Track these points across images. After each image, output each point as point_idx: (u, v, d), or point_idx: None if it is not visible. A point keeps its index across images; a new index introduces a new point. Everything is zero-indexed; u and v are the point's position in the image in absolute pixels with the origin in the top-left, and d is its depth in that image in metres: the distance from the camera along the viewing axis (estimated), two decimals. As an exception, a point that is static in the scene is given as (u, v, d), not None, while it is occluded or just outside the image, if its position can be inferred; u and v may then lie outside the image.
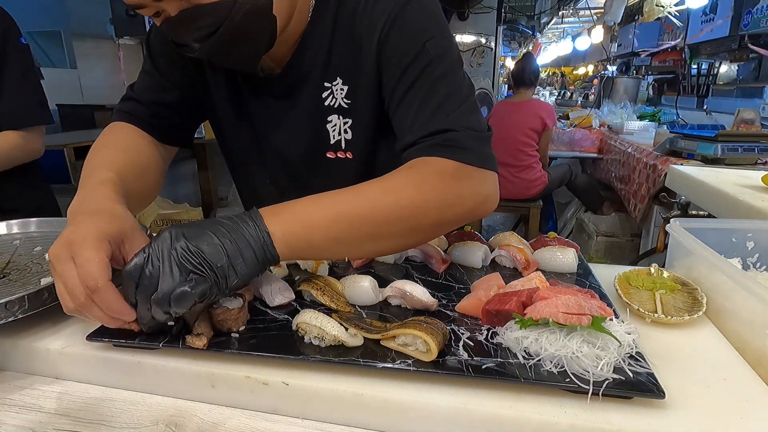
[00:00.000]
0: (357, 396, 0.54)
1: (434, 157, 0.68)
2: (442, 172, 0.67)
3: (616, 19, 4.62)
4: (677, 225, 0.82)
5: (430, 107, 0.71)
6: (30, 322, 0.67)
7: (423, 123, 0.71)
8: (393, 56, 0.74)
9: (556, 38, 8.80)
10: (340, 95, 0.80)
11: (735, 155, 2.22)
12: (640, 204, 2.64)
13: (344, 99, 0.80)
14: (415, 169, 0.68)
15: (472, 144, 0.69)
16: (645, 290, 0.74)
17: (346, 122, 0.82)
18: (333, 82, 0.80)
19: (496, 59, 4.29)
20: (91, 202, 0.65)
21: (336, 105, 0.81)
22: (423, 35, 0.73)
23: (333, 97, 0.81)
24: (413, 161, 0.69)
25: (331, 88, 0.80)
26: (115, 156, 0.78)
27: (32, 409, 0.59)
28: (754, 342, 0.61)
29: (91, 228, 0.58)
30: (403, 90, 0.73)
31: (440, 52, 0.73)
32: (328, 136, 0.84)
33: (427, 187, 0.65)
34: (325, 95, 0.81)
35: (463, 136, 0.69)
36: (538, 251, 0.85)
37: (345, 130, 0.83)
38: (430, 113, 0.71)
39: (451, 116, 0.70)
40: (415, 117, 0.72)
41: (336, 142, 0.84)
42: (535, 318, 0.56)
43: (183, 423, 0.56)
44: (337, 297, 0.70)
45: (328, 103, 0.82)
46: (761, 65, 3.58)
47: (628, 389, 0.50)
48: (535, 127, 3.16)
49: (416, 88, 0.72)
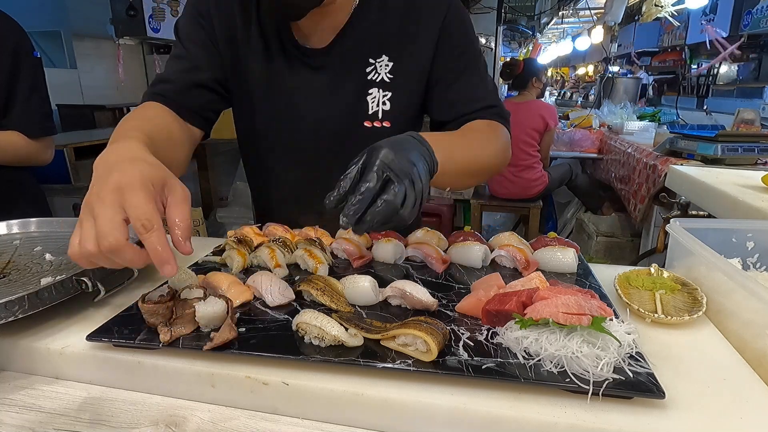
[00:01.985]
0: (357, 396, 0.54)
1: (497, 122, 0.95)
2: (503, 132, 0.94)
3: (617, 19, 4.62)
4: (677, 225, 0.82)
5: (485, 87, 0.97)
6: (30, 322, 0.67)
7: (483, 97, 0.95)
8: (452, 41, 0.93)
9: (556, 38, 8.79)
10: (384, 71, 0.92)
11: (735, 155, 2.22)
12: (640, 204, 2.64)
13: (387, 74, 0.92)
14: (494, 127, 0.93)
15: (506, 115, 0.98)
16: (645, 290, 0.74)
17: (385, 95, 0.93)
18: (378, 59, 0.91)
19: (496, 59, 4.29)
20: (126, 152, 0.62)
21: (378, 79, 0.92)
22: (470, 30, 0.97)
23: (376, 72, 0.92)
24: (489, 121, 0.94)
25: (375, 64, 0.91)
26: (143, 124, 0.79)
27: (32, 409, 0.59)
28: (754, 342, 0.61)
29: (137, 173, 0.55)
30: (460, 70, 0.94)
31: (480, 50, 0.98)
32: (367, 107, 0.94)
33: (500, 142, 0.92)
34: (369, 70, 0.92)
35: (502, 109, 0.97)
36: (538, 251, 0.85)
37: (384, 102, 0.93)
38: (487, 92, 0.96)
39: (495, 96, 0.97)
40: (475, 92, 0.95)
41: (374, 112, 0.94)
42: (535, 318, 0.56)
43: (183, 423, 0.56)
44: (337, 297, 0.70)
45: (370, 77, 0.92)
46: (761, 65, 3.59)
47: (628, 389, 0.50)
48: (537, 128, 3.16)
49: (471, 72, 0.95)
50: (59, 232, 1.00)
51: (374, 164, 0.59)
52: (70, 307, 0.72)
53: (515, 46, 8.09)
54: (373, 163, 0.59)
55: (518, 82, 3.35)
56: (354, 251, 0.86)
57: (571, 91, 8.75)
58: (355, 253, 0.86)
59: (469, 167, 0.83)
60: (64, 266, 0.84)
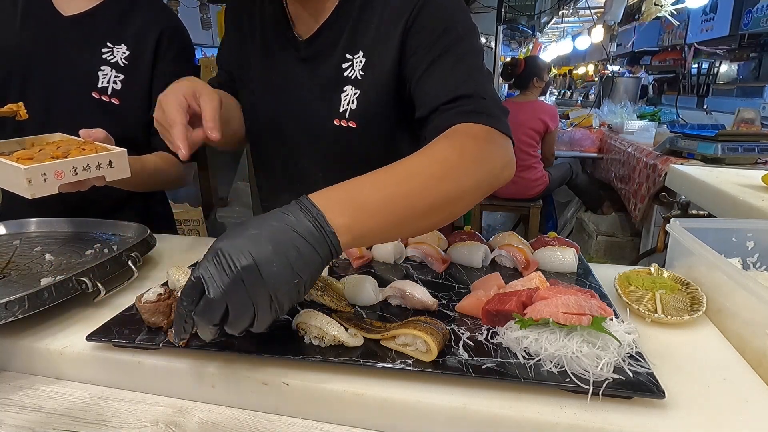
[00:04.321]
0: (357, 396, 0.54)
1: (468, 123, 0.72)
2: (476, 136, 0.70)
3: (616, 19, 4.61)
4: (677, 225, 0.82)
5: (459, 73, 0.78)
6: (30, 322, 0.67)
7: (453, 87, 0.76)
8: (422, 32, 0.82)
9: (556, 38, 8.79)
10: (358, 67, 0.87)
11: (735, 155, 2.22)
12: (640, 204, 2.64)
13: (360, 71, 0.87)
14: (453, 137, 0.70)
15: (498, 112, 0.74)
16: (645, 290, 0.74)
17: (356, 93, 0.88)
18: (355, 55, 0.87)
19: (496, 59, 4.29)
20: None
21: (353, 76, 0.88)
22: (453, 16, 0.82)
23: (352, 68, 0.87)
24: (449, 130, 0.71)
25: (352, 60, 0.87)
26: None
27: (32, 409, 0.59)
28: (754, 342, 0.61)
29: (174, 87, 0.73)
30: (432, 59, 0.80)
31: (467, 33, 0.82)
32: (339, 104, 0.89)
33: (467, 151, 0.66)
34: (345, 66, 0.88)
35: (491, 104, 0.75)
36: (538, 251, 0.85)
37: (353, 100, 0.88)
38: (461, 79, 0.77)
39: (478, 84, 0.77)
40: (444, 82, 0.78)
41: (344, 110, 0.89)
42: (535, 318, 0.56)
43: (183, 423, 0.56)
44: (337, 297, 0.70)
45: (346, 74, 0.88)
46: (761, 65, 3.59)
47: (628, 389, 0.50)
48: (537, 129, 3.15)
49: (445, 58, 0.79)
50: (59, 232, 1.00)
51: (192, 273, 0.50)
52: (70, 307, 0.72)
53: (515, 45, 8.08)
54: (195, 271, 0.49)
55: (519, 81, 3.33)
56: (354, 251, 0.86)
57: (571, 91, 8.75)
58: (355, 253, 0.86)
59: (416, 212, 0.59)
60: (64, 266, 0.84)
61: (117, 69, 1.09)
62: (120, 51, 1.09)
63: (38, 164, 0.72)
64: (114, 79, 1.09)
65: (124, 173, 0.83)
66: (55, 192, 0.75)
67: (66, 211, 1.04)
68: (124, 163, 0.82)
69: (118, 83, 1.10)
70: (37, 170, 0.71)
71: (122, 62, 1.10)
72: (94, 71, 1.08)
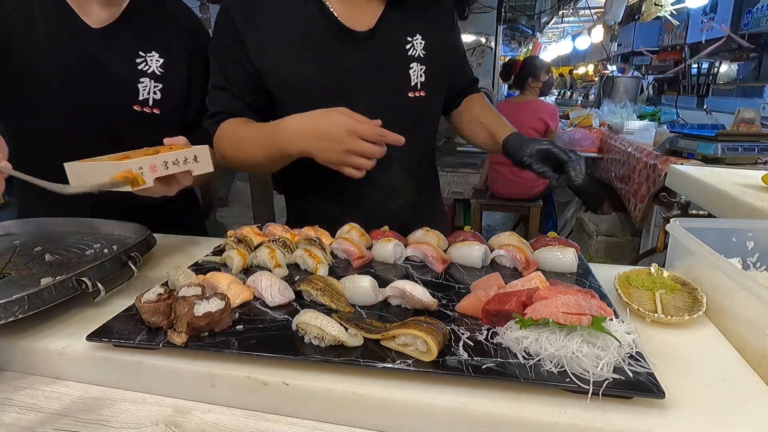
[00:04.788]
0: (357, 396, 0.54)
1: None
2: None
3: (617, 19, 4.61)
4: (677, 225, 0.82)
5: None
6: (30, 322, 0.67)
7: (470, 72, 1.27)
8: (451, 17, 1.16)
9: (556, 38, 8.79)
10: (419, 47, 1.07)
11: (735, 155, 2.22)
12: (640, 204, 2.64)
13: (422, 51, 1.07)
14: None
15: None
16: (645, 290, 0.74)
17: (422, 68, 1.07)
18: (414, 37, 1.06)
19: (496, 59, 4.29)
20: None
21: (416, 55, 1.07)
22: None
23: (414, 48, 1.06)
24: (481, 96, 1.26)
25: (413, 42, 1.06)
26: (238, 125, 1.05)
27: (32, 409, 0.59)
28: (754, 342, 0.61)
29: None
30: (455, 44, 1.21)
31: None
32: (410, 79, 1.07)
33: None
34: (408, 47, 1.06)
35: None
36: (538, 251, 0.85)
37: (421, 74, 1.08)
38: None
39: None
40: (468, 67, 1.27)
41: (415, 84, 1.08)
42: (535, 318, 0.56)
43: (183, 423, 0.56)
44: (337, 297, 0.70)
45: (410, 53, 1.07)
46: (761, 64, 3.59)
47: (628, 389, 0.50)
48: (538, 128, 3.15)
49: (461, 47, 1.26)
50: (59, 232, 1.00)
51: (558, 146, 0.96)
52: (70, 307, 0.72)
53: (515, 45, 8.08)
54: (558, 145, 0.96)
55: (516, 82, 3.34)
56: (354, 251, 0.86)
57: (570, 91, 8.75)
58: (355, 253, 0.86)
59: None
60: (64, 266, 0.84)
61: (155, 78, 1.07)
62: (153, 59, 1.07)
63: (136, 159, 0.76)
64: (153, 89, 1.07)
65: (208, 167, 0.87)
66: (151, 185, 0.78)
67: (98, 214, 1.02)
68: (207, 157, 0.87)
69: (157, 93, 1.07)
70: (136, 164, 0.76)
71: (158, 71, 1.07)
72: (134, 84, 1.05)
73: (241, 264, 0.83)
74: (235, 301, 0.69)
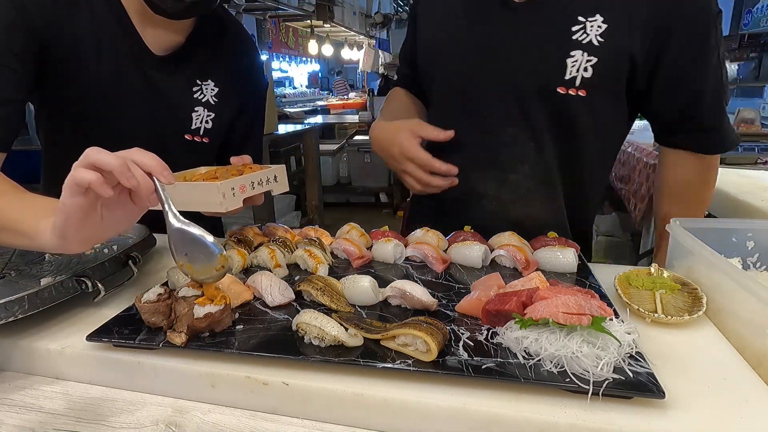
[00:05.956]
0: (357, 396, 0.54)
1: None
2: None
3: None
4: (677, 225, 0.82)
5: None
6: (30, 322, 0.67)
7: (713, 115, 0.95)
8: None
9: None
10: (594, 32, 0.81)
11: (735, 155, 2.22)
12: (640, 204, 2.63)
13: (598, 38, 0.81)
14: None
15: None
16: (645, 290, 0.74)
17: (589, 60, 0.82)
18: (592, 17, 0.82)
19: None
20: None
21: (586, 41, 0.82)
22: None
23: (585, 33, 0.82)
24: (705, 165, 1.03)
25: (585, 23, 0.82)
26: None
27: (32, 409, 0.59)
28: (754, 342, 0.61)
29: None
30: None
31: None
32: (564, 71, 0.85)
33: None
34: (576, 29, 0.83)
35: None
36: (538, 251, 0.85)
37: (586, 68, 0.83)
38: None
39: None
40: (718, 108, 0.94)
41: (571, 78, 0.84)
42: (535, 318, 0.56)
43: (183, 423, 0.56)
44: (337, 297, 0.70)
45: (575, 37, 0.83)
46: (761, 65, 3.59)
47: (628, 389, 0.50)
48: None
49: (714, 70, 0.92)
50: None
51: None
52: (70, 307, 0.72)
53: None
54: None
55: None
56: (354, 251, 0.86)
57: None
58: (355, 253, 0.86)
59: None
60: (64, 266, 0.84)
61: (208, 108, 1.04)
62: (208, 88, 1.04)
63: (228, 180, 0.78)
64: (206, 118, 1.05)
65: (285, 187, 0.88)
66: (240, 206, 0.80)
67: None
68: (284, 177, 0.88)
69: (209, 122, 1.05)
70: (228, 186, 0.79)
71: (212, 100, 1.04)
72: (188, 113, 1.03)
73: (241, 264, 0.83)
74: (235, 302, 0.69)
